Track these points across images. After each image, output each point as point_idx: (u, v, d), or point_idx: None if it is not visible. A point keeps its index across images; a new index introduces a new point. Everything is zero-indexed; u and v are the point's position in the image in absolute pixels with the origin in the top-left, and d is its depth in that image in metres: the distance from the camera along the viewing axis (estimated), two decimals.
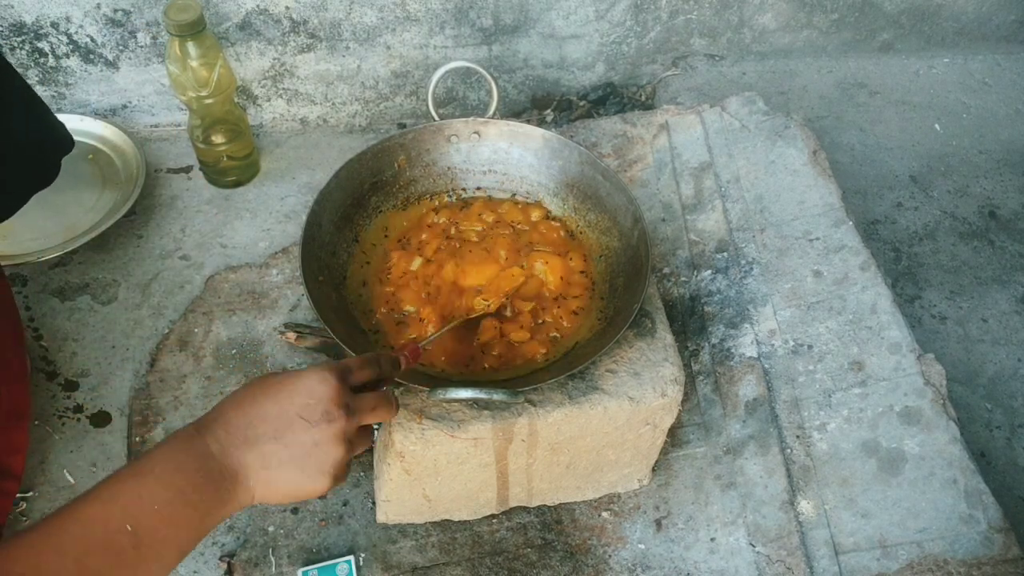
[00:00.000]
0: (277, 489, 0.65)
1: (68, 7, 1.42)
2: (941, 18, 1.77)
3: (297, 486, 0.65)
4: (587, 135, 1.52)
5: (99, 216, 1.38)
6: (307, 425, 0.64)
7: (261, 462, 0.63)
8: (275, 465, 0.64)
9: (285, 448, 0.64)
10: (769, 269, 1.28)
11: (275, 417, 0.64)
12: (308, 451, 0.64)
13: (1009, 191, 1.58)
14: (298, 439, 0.64)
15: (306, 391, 0.65)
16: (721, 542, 1.10)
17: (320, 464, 0.65)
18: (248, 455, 0.63)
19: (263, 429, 0.64)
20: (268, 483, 0.64)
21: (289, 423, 0.64)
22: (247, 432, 0.64)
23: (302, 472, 0.65)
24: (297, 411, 0.64)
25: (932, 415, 1.12)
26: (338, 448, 0.66)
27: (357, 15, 1.49)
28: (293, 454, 0.64)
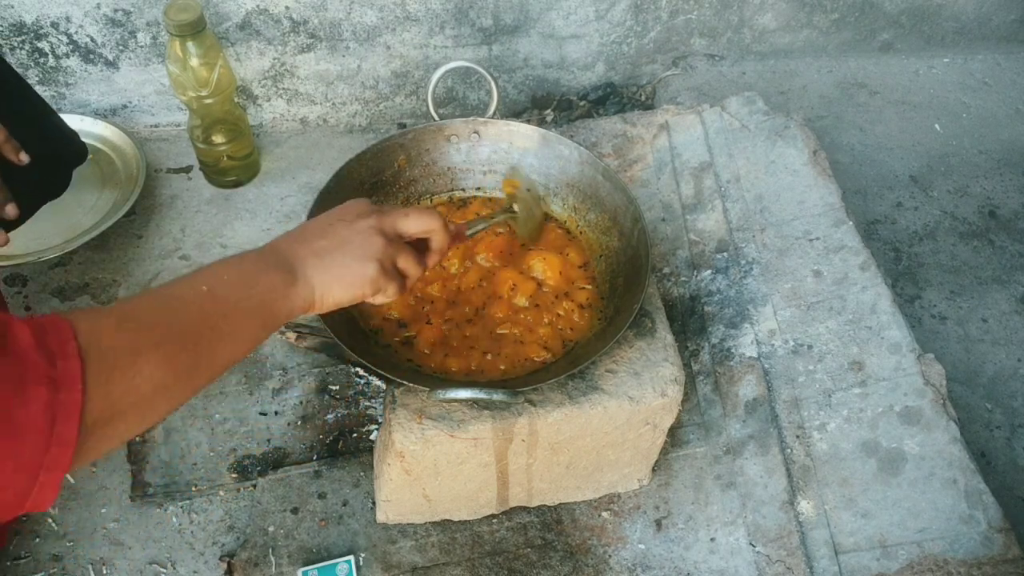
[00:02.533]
0: (330, 272, 0.74)
1: (68, 7, 1.42)
2: (941, 18, 1.77)
3: (345, 268, 0.75)
4: (587, 135, 1.52)
5: (99, 216, 1.38)
6: (346, 223, 0.77)
7: (313, 253, 0.75)
8: (324, 253, 0.75)
9: (331, 241, 0.76)
10: (769, 269, 1.28)
11: (320, 225, 0.78)
12: (350, 239, 0.76)
13: (1009, 191, 1.58)
14: (339, 233, 0.76)
15: (344, 206, 0.80)
16: (721, 542, 1.10)
17: (363, 248, 0.76)
18: (301, 249, 0.75)
19: (312, 233, 0.77)
20: (321, 268, 0.74)
21: (331, 224, 0.77)
22: (301, 238, 0.76)
23: (348, 256, 0.75)
24: (338, 217, 0.78)
25: (932, 415, 1.12)
26: (375, 237, 0.77)
27: (357, 15, 1.49)
28: (338, 244, 0.76)
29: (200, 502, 1.13)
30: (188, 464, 1.16)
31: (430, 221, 0.81)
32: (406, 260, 0.80)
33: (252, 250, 0.75)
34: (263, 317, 0.71)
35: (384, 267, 0.77)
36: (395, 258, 0.79)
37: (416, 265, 0.81)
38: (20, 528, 1.10)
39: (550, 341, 1.00)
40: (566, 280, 1.06)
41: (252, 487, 1.14)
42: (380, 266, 0.76)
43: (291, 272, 0.73)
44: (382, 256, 0.76)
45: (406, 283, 0.81)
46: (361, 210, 0.79)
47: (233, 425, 1.20)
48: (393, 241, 0.78)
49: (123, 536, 1.10)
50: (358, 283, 0.76)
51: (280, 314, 0.72)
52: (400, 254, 0.79)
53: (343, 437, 1.19)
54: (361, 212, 0.78)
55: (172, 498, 1.13)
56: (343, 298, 0.76)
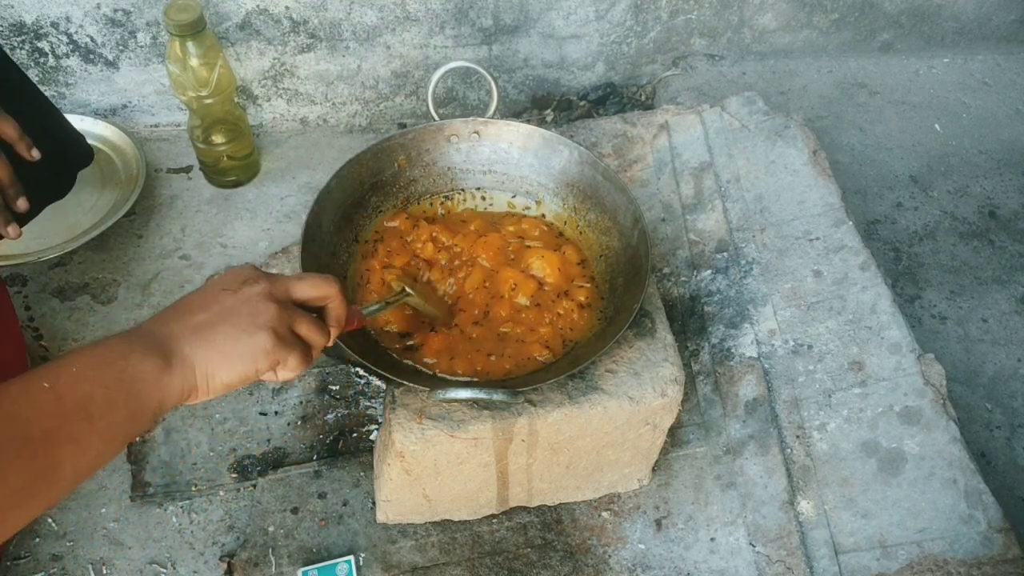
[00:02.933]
0: (214, 350, 0.65)
1: (68, 7, 1.42)
2: (941, 18, 1.77)
3: (234, 342, 0.65)
4: (587, 135, 1.52)
5: (99, 216, 1.38)
6: (229, 292, 0.67)
7: (192, 329, 0.65)
8: (206, 327, 0.65)
9: (213, 313, 0.66)
10: (769, 269, 1.28)
11: (200, 299, 0.67)
12: (236, 309, 0.66)
13: (1009, 191, 1.58)
14: (223, 304, 0.66)
15: (228, 274, 0.70)
16: (721, 542, 1.10)
17: (251, 317, 0.66)
18: (177, 327, 0.65)
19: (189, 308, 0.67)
20: (203, 345, 0.64)
21: (214, 296, 0.67)
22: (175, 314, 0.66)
23: (233, 327, 0.65)
24: (220, 287, 0.68)
25: (932, 415, 1.12)
26: (265, 304, 0.67)
27: (357, 15, 1.49)
28: (221, 316, 0.66)
29: (200, 502, 1.13)
30: (188, 464, 1.16)
31: (326, 287, 0.73)
32: (306, 326, 0.70)
33: (116, 334, 0.64)
34: (127, 412, 0.60)
35: (279, 335, 0.67)
36: (292, 324, 0.69)
37: (318, 332, 0.71)
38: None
39: (551, 341, 1.00)
40: (565, 277, 1.06)
41: (252, 487, 1.14)
42: (274, 335, 0.66)
43: (164, 354, 0.63)
44: (275, 323, 0.67)
45: (311, 353, 0.71)
46: (247, 276, 0.69)
47: (233, 425, 1.20)
48: (286, 307, 0.69)
49: (123, 536, 1.10)
50: (249, 356, 0.66)
51: (150, 406, 0.62)
52: (297, 320, 0.69)
53: (343, 437, 1.19)
54: (247, 278, 0.68)
55: (172, 498, 1.13)
56: (233, 377, 0.66)
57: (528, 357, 0.99)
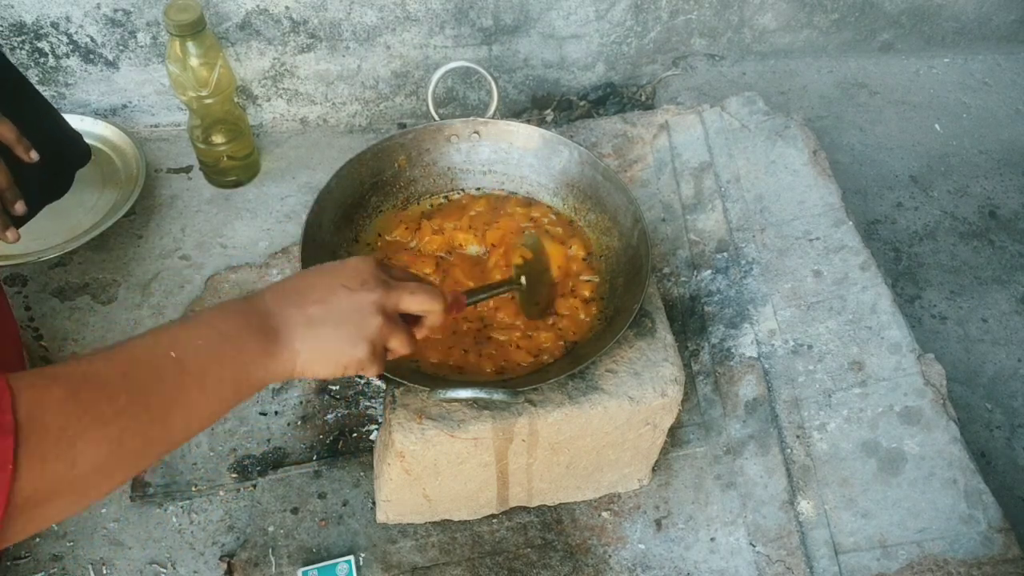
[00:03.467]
0: (318, 347, 0.69)
1: (68, 7, 1.42)
2: (941, 18, 1.77)
3: (337, 346, 0.69)
4: (587, 135, 1.52)
5: (99, 216, 1.38)
6: (348, 292, 0.70)
7: (305, 320, 0.69)
8: (318, 323, 0.69)
9: (327, 310, 0.69)
10: (769, 269, 1.28)
11: (321, 286, 0.71)
12: (348, 315, 0.70)
13: (1009, 191, 1.58)
14: (339, 303, 0.70)
15: (350, 266, 0.73)
16: (721, 542, 1.10)
17: (358, 328, 0.70)
18: (293, 313, 0.69)
19: (309, 294, 0.70)
20: (310, 339, 0.68)
21: (333, 290, 0.70)
22: (295, 296, 0.70)
23: (341, 333, 0.69)
24: (340, 281, 0.71)
25: (932, 415, 1.12)
26: (375, 317, 0.71)
27: (357, 15, 1.49)
28: (334, 316, 0.69)
29: (200, 502, 1.13)
30: (188, 464, 1.16)
31: (432, 303, 0.76)
32: (398, 341, 0.74)
33: (235, 302, 0.68)
34: (235, 388, 0.65)
35: (375, 350, 0.71)
36: (388, 339, 0.73)
37: (406, 346, 0.75)
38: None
39: (551, 341, 1.00)
40: (566, 272, 1.06)
41: (252, 487, 1.14)
42: (371, 349, 0.71)
43: (275, 338, 0.67)
44: (375, 339, 0.71)
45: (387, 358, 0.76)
46: (366, 277, 0.72)
47: (233, 425, 1.20)
48: (391, 320, 0.73)
49: (123, 536, 1.10)
50: (344, 363, 0.71)
51: (255, 384, 0.67)
52: (394, 335, 0.73)
53: (343, 437, 1.19)
54: (366, 281, 0.72)
55: (172, 498, 1.13)
56: (324, 374, 0.71)
57: (528, 357, 0.99)
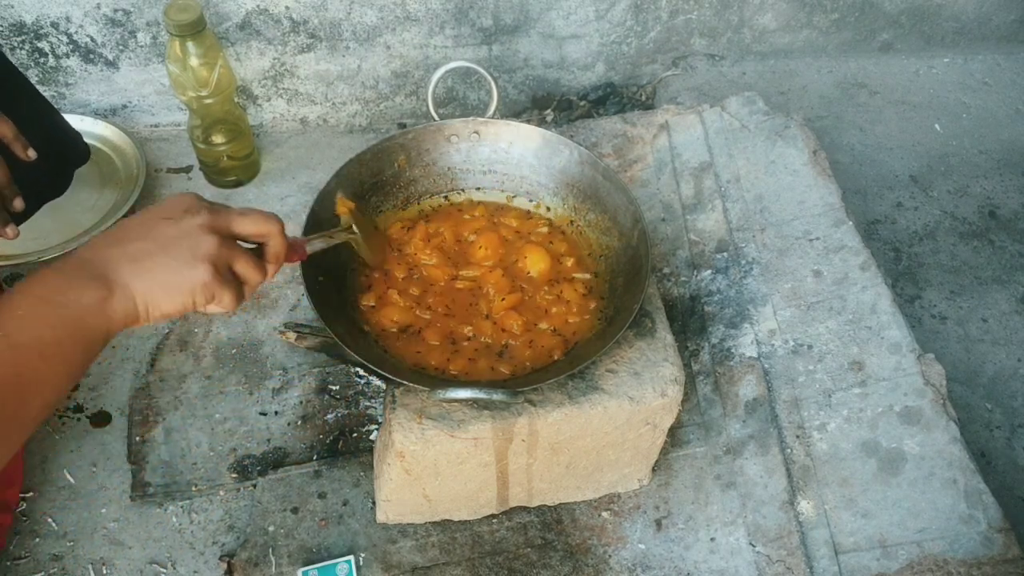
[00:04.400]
0: (154, 279, 0.65)
1: (68, 7, 1.42)
2: (941, 18, 1.77)
3: (171, 273, 0.65)
4: (587, 135, 1.52)
5: (99, 216, 1.38)
6: (170, 222, 0.67)
7: (129, 257, 0.65)
8: (144, 256, 0.65)
9: (152, 243, 0.66)
10: (769, 269, 1.28)
11: (140, 225, 0.67)
12: (175, 240, 0.66)
13: (1009, 191, 1.58)
14: (163, 233, 0.66)
15: (170, 201, 0.69)
16: (721, 542, 1.10)
17: (191, 249, 0.66)
18: (115, 253, 0.65)
19: (130, 234, 0.67)
20: (142, 273, 0.65)
21: (154, 224, 0.67)
22: (112, 240, 0.66)
23: (173, 259, 0.65)
24: (161, 215, 0.67)
25: (932, 415, 1.12)
26: (206, 236, 0.67)
27: (357, 15, 1.49)
28: (160, 245, 0.66)
29: (200, 502, 1.13)
30: (188, 464, 1.16)
31: (267, 224, 0.73)
32: (244, 264, 0.70)
33: (54, 265, 0.64)
34: (81, 346, 0.63)
35: (218, 270, 0.67)
36: (230, 261, 0.69)
37: (255, 270, 0.72)
38: (20, 528, 1.10)
39: (550, 341, 1.00)
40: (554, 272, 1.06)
41: (252, 487, 1.14)
42: (213, 269, 0.67)
43: (104, 283, 0.63)
44: (215, 258, 0.67)
45: (244, 291, 0.72)
46: (189, 205, 0.68)
47: (233, 425, 1.20)
48: (227, 242, 0.69)
49: (123, 536, 1.10)
50: (187, 289, 0.66)
51: (98, 336, 0.63)
52: (236, 257, 0.69)
53: (343, 437, 1.19)
54: (189, 207, 0.68)
55: (172, 498, 1.13)
56: (171, 308, 0.66)
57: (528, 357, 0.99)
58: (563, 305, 1.03)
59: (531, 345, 1.00)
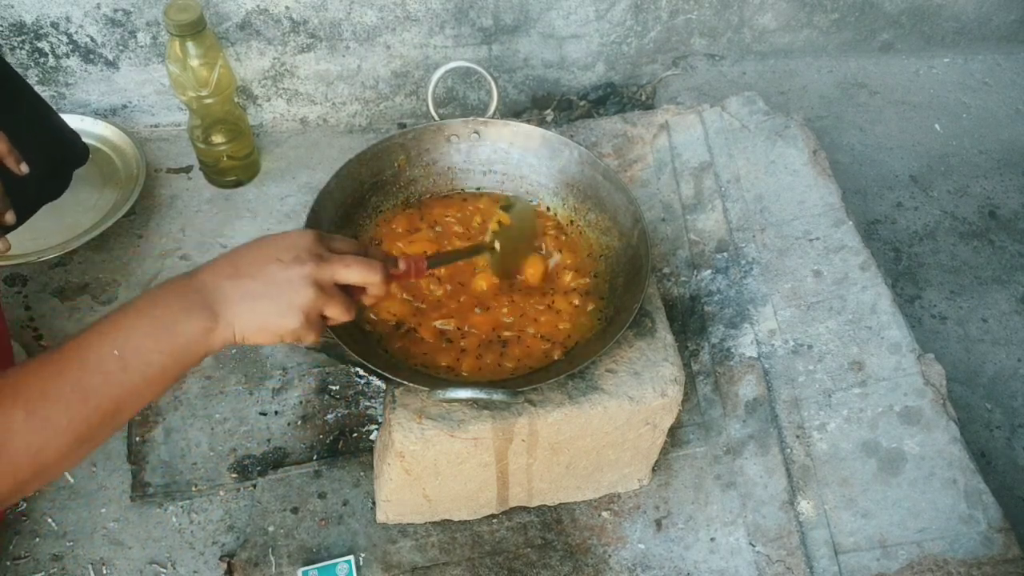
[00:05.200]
0: (253, 319, 0.73)
1: (68, 7, 1.42)
2: (941, 18, 1.77)
3: (268, 317, 0.74)
4: (587, 135, 1.52)
5: (99, 216, 1.38)
6: (281, 265, 0.73)
7: (239, 293, 0.73)
8: (251, 296, 0.73)
9: (260, 284, 0.73)
10: (769, 269, 1.28)
11: (256, 260, 0.74)
12: (280, 287, 0.73)
13: (1009, 191, 1.58)
14: (272, 276, 0.73)
15: (285, 240, 0.75)
16: (721, 542, 1.10)
17: (290, 299, 0.73)
18: (228, 287, 0.72)
19: (245, 269, 0.74)
20: (245, 312, 0.73)
21: (266, 263, 0.74)
22: (230, 269, 0.74)
23: (274, 304, 0.73)
24: (275, 255, 0.74)
25: (932, 415, 1.12)
26: (307, 289, 0.74)
27: (357, 15, 1.49)
28: (267, 289, 0.73)
29: (200, 502, 1.13)
30: (188, 464, 1.16)
31: (370, 274, 0.78)
32: (334, 310, 0.77)
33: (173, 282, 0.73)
34: (179, 367, 0.71)
35: (309, 319, 0.75)
36: (323, 308, 0.76)
37: (344, 314, 0.78)
38: (20, 528, 1.10)
39: (550, 341, 1.00)
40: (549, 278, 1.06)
41: (252, 487, 1.14)
42: (305, 318, 0.74)
43: (213, 315, 0.72)
44: (309, 308, 0.74)
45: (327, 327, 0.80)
46: (300, 251, 0.75)
47: (233, 425, 1.20)
48: (325, 291, 0.75)
49: (123, 536, 1.10)
50: (278, 332, 0.75)
51: (197, 358, 0.72)
52: (330, 304, 0.76)
53: (343, 437, 1.19)
54: (299, 255, 0.74)
55: (172, 498, 1.13)
56: (261, 342, 0.75)
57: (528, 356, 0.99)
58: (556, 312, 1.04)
59: (529, 343, 1.00)
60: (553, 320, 1.03)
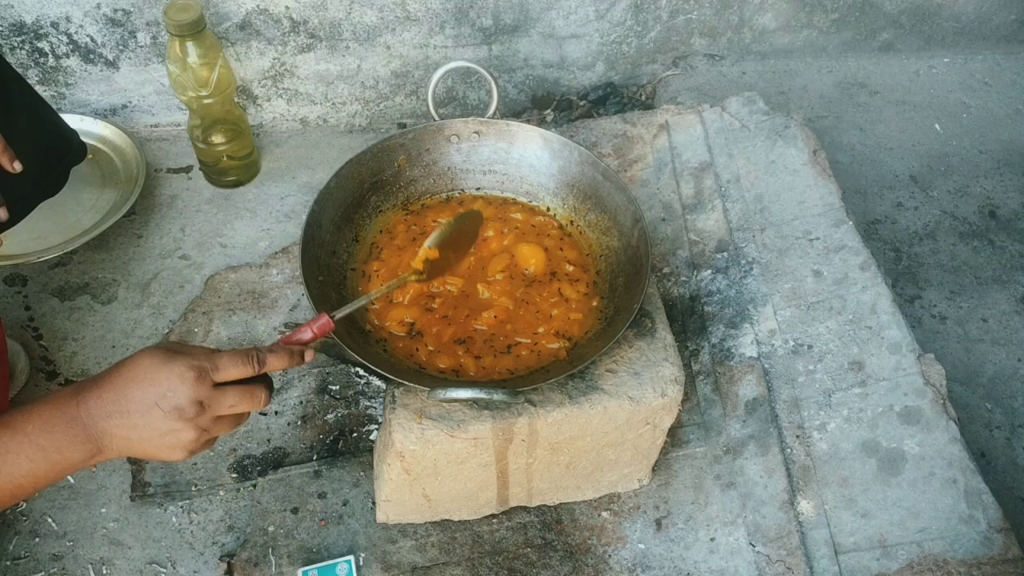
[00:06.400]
0: (136, 450, 0.76)
1: (68, 7, 1.42)
2: (941, 18, 1.77)
3: (153, 452, 0.76)
4: (587, 135, 1.52)
5: (99, 216, 1.38)
6: (162, 414, 0.74)
7: (123, 431, 0.74)
8: (135, 437, 0.75)
9: (145, 426, 0.74)
10: (769, 269, 1.28)
11: (138, 400, 0.74)
12: (163, 434, 0.75)
13: (1009, 191, 1.58)
14: (154, 423, 0.74)
15: (166, 384, 0.74)
16: (721, 542, 1.10)
17: (173, 443, 0.76)
18: (112, 424, 0.74)
19: (128, 406, 0.74)
20: (129, 447, 0.75)
21: (149, 408, 0.74)
22: (114, 407, 0.74)
23: (157, 447, 0.76)
24: (155, 400, 0.74)
25: (932, 415, 1.12)
26: (188, 433, 0.75)
27: (357, 15, 1.49)
28: (150, 433, 0.75)
29: (200, 502, 1.13)
30: (188, 464, 1.16)
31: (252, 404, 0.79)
32: (222, 430, 0.79)
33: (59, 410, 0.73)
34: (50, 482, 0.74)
35: (194, 451, 0.77)
36: (209, 436, 0.78)
37: (233, 427, 0.80)
38: (20, 528, 1.10)
39: (550, 341, 1.00)
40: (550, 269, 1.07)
41: (252, 487, 1.14)
42: (189, 452, 0.77)
43: (97, 446, 0.74)
44: (192, 444, 0.76)
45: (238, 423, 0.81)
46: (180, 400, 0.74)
47: None
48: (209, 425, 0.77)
49: (123, 536, 1.10)
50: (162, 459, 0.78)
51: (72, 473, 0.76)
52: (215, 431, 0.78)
53: (343, 437, 1.19)
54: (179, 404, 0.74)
55: (172, 498, 1.13)
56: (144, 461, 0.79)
57: (528, 356, 0.99)
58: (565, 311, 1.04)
59: (532, 344, 1.00)
60: (565, 312, 1.03)
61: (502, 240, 1.10)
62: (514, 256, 1.07)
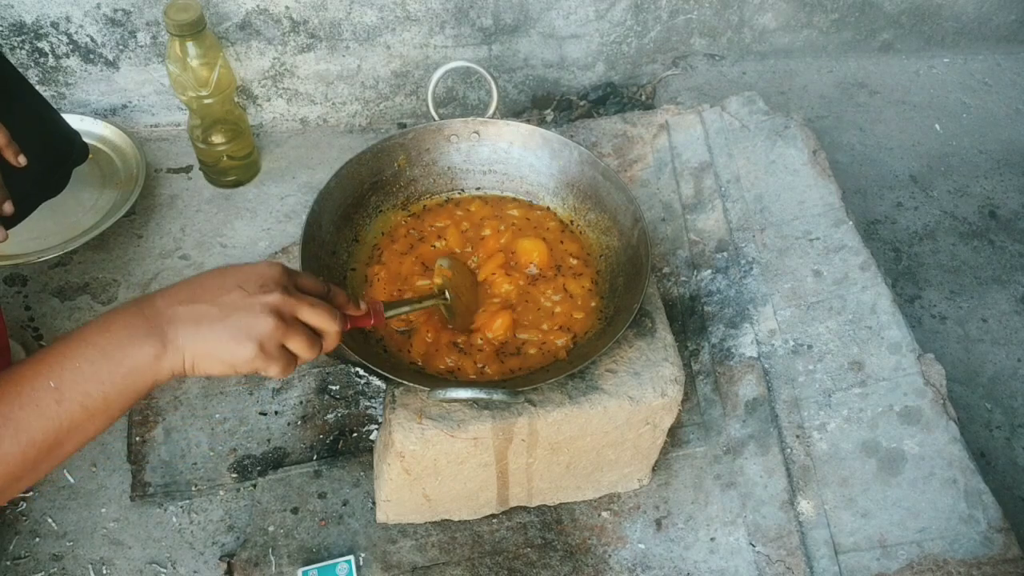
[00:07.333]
0: (204, 345, 0.69)
1: (68, 7, 1.42)
2: (941, 18, 1.77)
3: (220, 343, 0.69)
4: (587, 135, 1.52)
5: (99, 216, 1.38)
6: (243, 293, 0.70)
7: (193, 318, 0.68)
8: (205, 321, 0.68)
9: (217, 308, 0.69)
10: (769, 269, 1.28)
11: (217, 286, 0.70)
12: (238, 313, 0.69)
13: (1009, 191, 1.58)
14: (231, 301, 0.69)
15: (252, 270, 0.72)
16: (721, 542, 1.10)
17: (247, 328, 0.69)
18: (182, 311, 0.68)
19: (202, 294, 0.70)
20: (196, 337, 0.68)
21: (227, 290, 0.70)
22: (187, 294, 0.70)
23: (227, 330, 0.69)
24: (238, 282, 0.70)
25: (932, 415, 1.12)
26: (266, 317, 0.70)
27: (357, 15, 1.49)
28: (223, 314, 0.69)
29: (200, 502, 1.13)
30: (188, 464, 1.16)
31: (331, 323, 0.75)
32: (297, 343, 0.73)
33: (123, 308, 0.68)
34: (123, 397, 0.67)
35: (265, 349, 0.70)
36: (284, 340, 0.72)
37: (309, 349, 0.74)
38: (20, 528, 1.10)
39: (550, 340, 1.00)
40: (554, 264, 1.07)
41: (252, 487, 1.14)
42: (259, 348, 0.70)
43: (162, 340, 0.67)
44: (265, 339, 0.70)
45: (294, 364, 0.75)
46: (266, 281, 0.71)
47: (233, 425, 1.20)
48: (287, 323, 0.71)
49: (123, 536, 1.10)
50: (230, 362, 0.70)
51: (144, 387, 0.68)
52: (291, 337, 0.72)
53: (343, 437, 1.19)
54: (266, 283, 0.71)
55: (172, 498, 1.13)
56: (213, 372, 0.70)
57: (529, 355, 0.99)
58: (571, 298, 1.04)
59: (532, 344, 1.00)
60: (568, 310, 1.03)
61: (499, 238, 1.09)
62: (515, 252, 1.07)
